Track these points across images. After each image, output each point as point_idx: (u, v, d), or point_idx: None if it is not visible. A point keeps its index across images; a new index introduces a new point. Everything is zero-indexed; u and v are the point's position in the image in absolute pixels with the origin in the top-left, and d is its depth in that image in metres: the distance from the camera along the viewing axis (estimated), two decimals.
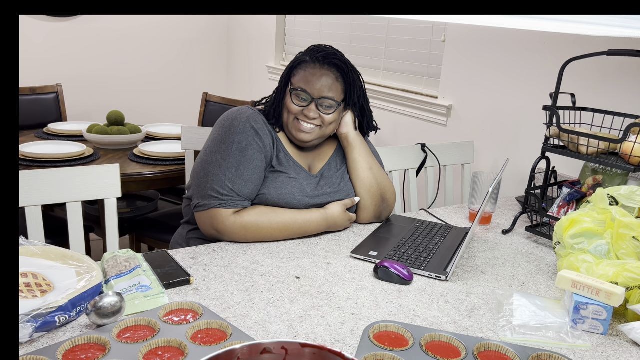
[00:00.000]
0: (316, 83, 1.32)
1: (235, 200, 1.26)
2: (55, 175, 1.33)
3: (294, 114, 1.33)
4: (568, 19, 0.92)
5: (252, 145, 1.28)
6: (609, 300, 0.97)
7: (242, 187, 1.26)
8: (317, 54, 1.34)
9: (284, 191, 1.32)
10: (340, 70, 1.35)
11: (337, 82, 1.34)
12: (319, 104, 1.33)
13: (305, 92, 1.32)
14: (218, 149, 1.28)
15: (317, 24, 3.18)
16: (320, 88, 1.32)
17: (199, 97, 3.92)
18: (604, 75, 1.75)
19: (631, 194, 1.17)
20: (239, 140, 1.27)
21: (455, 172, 2.27)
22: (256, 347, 0.59)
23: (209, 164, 1.28)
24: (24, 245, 1.03)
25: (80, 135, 2.52)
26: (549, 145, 1.47)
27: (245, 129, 1.28)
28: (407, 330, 0.91)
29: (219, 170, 1.26)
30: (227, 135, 1.28)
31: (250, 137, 1.28)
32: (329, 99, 1.33)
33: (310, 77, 1.32)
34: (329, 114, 1.34)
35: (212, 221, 1.26)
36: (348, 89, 1.37)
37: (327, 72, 1.33)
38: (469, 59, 2.23)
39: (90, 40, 3.47)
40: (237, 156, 1.26)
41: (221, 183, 1.25)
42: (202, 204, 1.27)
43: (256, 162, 1.28)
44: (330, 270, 1.17)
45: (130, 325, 0.88)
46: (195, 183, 1.31)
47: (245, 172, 1.26)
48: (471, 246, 1.39)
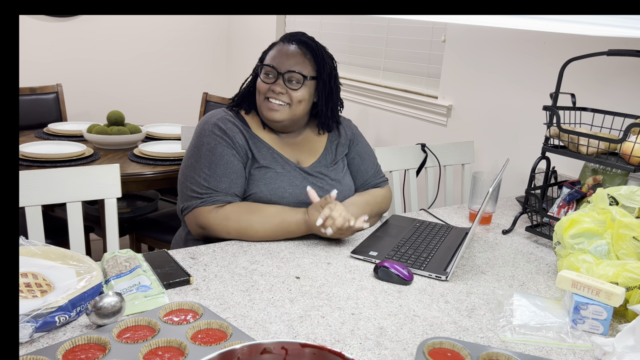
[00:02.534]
0: (283, 58, 1.33)
1: (214, 196, 1.29)
2: (55, 175, 1.33)
3: (263, 93, 1.35)
4: (568, 19, 0.92)
5: (220, 144, 1.32)
6: (609, 300, 0.97)
7: (217, 183, 1.30)
8: (288, 36, 1.38)
9: (273, 186, 1.34)
10: (309, 47, 1.36)
11: (305, 57, 1.35)
12: (286, 79, 1.33)
13: (273, 67, 1.33)
14: (192, 154, 1.34)
15: (317, 24, 3.18)
16: (287, 62, 1.33)
17: (199, 97, 3.92)
18: (604, 75, 1.75)
19: (631, 194, 1.17)
20: (207, 142, 1.32)
21: (455, 172, 2.27)
22: (256, 347, 0.59)
23: (186, 168, 1.34)
24: (24, 245, 1.03)
25: (80, 135, 2.52)
26: (549, 145, 1.47)
27: (213, 131, 1.33)
28: (464, 347, 0.87)
29: (194, 172, 1.31)
30: (198, 139, 1.34)
31: (217, 137, 1.32)
32: (295, 73, 1.33)
33: (278, 54, 1.35)
34: (296, 89, 1.33)
35: (196, 219, 1.29)
36: (318, 67, 1.37)
37: (295, 48, 1.35)
38: (469, 59, 2.23)
39: (90, 40, 3.47)
40: (208, 156, 1.31)
41: (197, 183, 1.30)
42: (186, 207, 1.31)
43: (227, 158, 1.31)
44: (330, 270, 1.17)
45: (130, 325, 0.88)
46: (179, 188, 1.35)
47: (218, 169, 1.30)
48: (471, 246, 1.39)
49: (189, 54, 3.88)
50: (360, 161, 1.54)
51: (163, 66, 3.79)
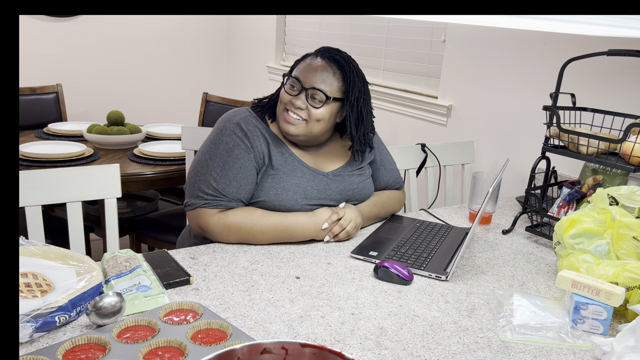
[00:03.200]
0: (311, 73, 1.30)
1: (219, 200, 1.27)
2: (55, 175, 1.33)
3: (284, 104, 1.32)
4: (568, 19, 0.92)
5: (239, 146, 1.29)
6: (609, 300, 0.97)
7: (226, 187, 1.27)
8: (322, 50, 1.34)
9: (284, 197, 1.31)
10: (340, 67, 1.31)
11: (333, 77, 1.30)
12: (308, 95, 1.29)
13: (298, 80, 1.30)
14: (208, 150, 1.31)
15: (317, 24, 3.18)
16: (314, 78, 1.29)
17: (199, 97, 3.92)
18: (604, 75, 1.75)
19: (631, 194, 1.17)
20: (226, 141, 1.29)
21: (455, 172, 2.27)
22: (256, 347, 0.59)
23: (198, 164, 1.31)
24: (24, 245, 1.03)
25: (80, 135, 2.52)
26: (549, 145, 1.47)
27: (235, 131, 1.30)
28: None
29: (206, 169, 1.29)
30: (217, 136, 1.31)
31: (237, 138, 1.29)
32: (319, 91, 1.28)
33: (308, 67, 1.31)
34: (317, 108, 1.29)
35: (198, 220, 1.29)
36: (347, 88, 1.32)
37: (325, 65, 1.30)
38: (469, 59, 2.23)
39: (90, 40, 3.47)
40: (223, 156, 1.28)
41: (207, 182, 1.28)
42: (190, 203, 1.30)
43: (242, 162, 1.28)
44: (330, 270, 1.17)
45: (130, 325, 0.88)
46: (188, 182, 1.34)
47: (230, 171, 1.27)
48: (471, 246, 1.39)
49: (189, 54, 3.88)
50: (384, 171, 1.54)
51: (163, 66, 3.79)
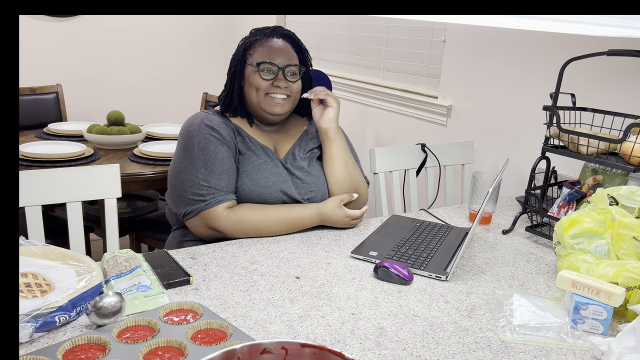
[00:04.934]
0: (278, 53, 1.36)
1: (217, 195, 1.28)
2: (55, 175, 1.33)
3: (264, 90, 1.36)
4: (568, 19, 0.92)
5: (211, 141, 1.31)
6: (609, 300, 0.97)
7: (217, 181, 1.29)
8: (266, 31, 1.39)
9: (256, 176, 1.34)
10: (291, 39, 1.41)
11: (293, 51, 1.40)
12: (286, 73, 1.37)
13: (272, 63, 1.35)
14: (184, 158, 1.32)
15: (317, 24, 3.18)
16: (284, 57, 1.37)
17: (199, 97, 3.92)
18: (604, 75, 1.75)
19: (631, 194, 1.17)
20: (198, 141, 1.31)
21: (455, 172, 2.27)
22: (256, 347, 0.59)
23: (180, 173, 1.31)
24: (24, 245, 1.03)
25: (80, 135, 2.52)
26: (549, 145, 1.47)
27: (202, 129, 1.32)
28: None
29: (190, 175, 1.29)
30: (187, 142, 1.33)
31: (207, 135, 1.31)
32: (292, 66, 1.37)
33: (270, 50, 1.36)
34: (295, 82, 1.39)
35: (207, 222, 1.28)
36: (300, 54, 1.42)
37: (282, 42, 1.39)
38: (469, 59, 2.23)
39: (90, 40, 3.47)
40: (201, 155, 1.30)
41: (197, 185, 1.28)
42: (189, 211, 1.29)
43: (221, 154, 1.31)
44: (330, 270, 1.17)
45: (130, 325, 0.88)
46: (175, 194, 1.33)
47: (215, 167, 1.29)
48: (471, 246, 1.39)
49: (189, 54, 3.88)
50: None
51: (163, 66, 3.79)
